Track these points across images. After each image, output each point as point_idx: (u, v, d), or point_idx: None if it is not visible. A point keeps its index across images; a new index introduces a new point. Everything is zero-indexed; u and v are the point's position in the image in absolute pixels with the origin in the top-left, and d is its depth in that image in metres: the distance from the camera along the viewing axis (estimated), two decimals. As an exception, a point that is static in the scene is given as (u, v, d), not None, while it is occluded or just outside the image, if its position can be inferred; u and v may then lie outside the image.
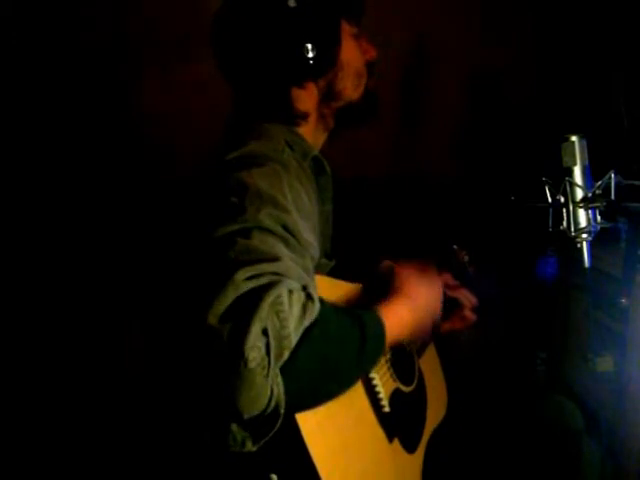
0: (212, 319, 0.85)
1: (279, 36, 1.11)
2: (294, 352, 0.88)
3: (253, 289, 0.86)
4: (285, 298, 0.87)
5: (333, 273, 1.23)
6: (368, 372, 1.13)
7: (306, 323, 0.90)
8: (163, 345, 1.20)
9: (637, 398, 1.41)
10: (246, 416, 0.85)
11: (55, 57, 1.87)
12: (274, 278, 0.88)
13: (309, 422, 0.97)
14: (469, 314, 1.49)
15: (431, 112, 2.21)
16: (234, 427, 0.91)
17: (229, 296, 0.86)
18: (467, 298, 1.50)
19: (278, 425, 0.89)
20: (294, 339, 0.88)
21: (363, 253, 1.41)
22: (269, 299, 0.85)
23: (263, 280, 0.87)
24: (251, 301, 0.85)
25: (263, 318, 0.84)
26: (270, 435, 0.90)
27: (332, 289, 1.14)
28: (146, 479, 1.55)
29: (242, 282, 0.86)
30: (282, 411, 0.87)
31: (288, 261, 0.93)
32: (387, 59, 1.31)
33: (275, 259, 0.91)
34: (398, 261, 1.27)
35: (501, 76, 2.20)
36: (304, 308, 0.90)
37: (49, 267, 1.89)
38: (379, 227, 2.06)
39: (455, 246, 1.62)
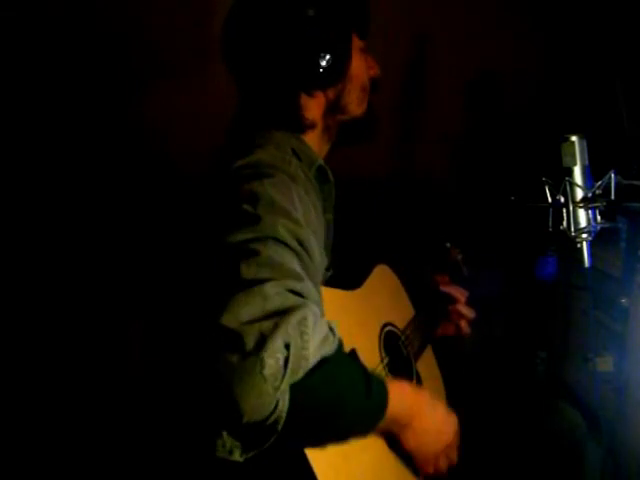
0: (233, 322, 0.85)
1: (295, 43, 1.12)
2: (306, 376, 0.87)
3: (282, 305, 0.87)
4: (310, 322, 0.87)
5: (330, 282, 1.21)
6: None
7: (323, 353, 0.90)
8: (165, 346, 1.19)
9: (637, 398, 1.41)
10: (245, 420, 0.84)
11: (56, 58, 1.87)
12: (299, 301, 0.89)
13: None
14: (464, 309, 1.49)
15: (431, 113, 2.21)
16: (225, 434, 0.90)
17: (257, 305, 0.86)
18: (459, 292, 1.50)
19: (271, 441, 0.87)
20: (311, 363, 0.87)
21: (361, 260, 1.40)
22: (296, 318, 0.86)
23: (291, 298, 0.88)
24: (279, 315, 0.85)
25: (288, 334, 0.84)
26: (261, 449, 0.89)
27: (332, 299, 1.12)
28: None
29: (272, 296, 0.87)
30: (279, 428, 0.86)
31: (308, 282, 0.93)
32: (386, 60, 1.31)
33: (300, 278, 0.92)
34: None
35: (501, 77, 2.20)
36: (325, 339, 0.90)
37: (51, 267, 1.89)
38: (376, 230, 2.06)
39: (448, 244, 1.62)
